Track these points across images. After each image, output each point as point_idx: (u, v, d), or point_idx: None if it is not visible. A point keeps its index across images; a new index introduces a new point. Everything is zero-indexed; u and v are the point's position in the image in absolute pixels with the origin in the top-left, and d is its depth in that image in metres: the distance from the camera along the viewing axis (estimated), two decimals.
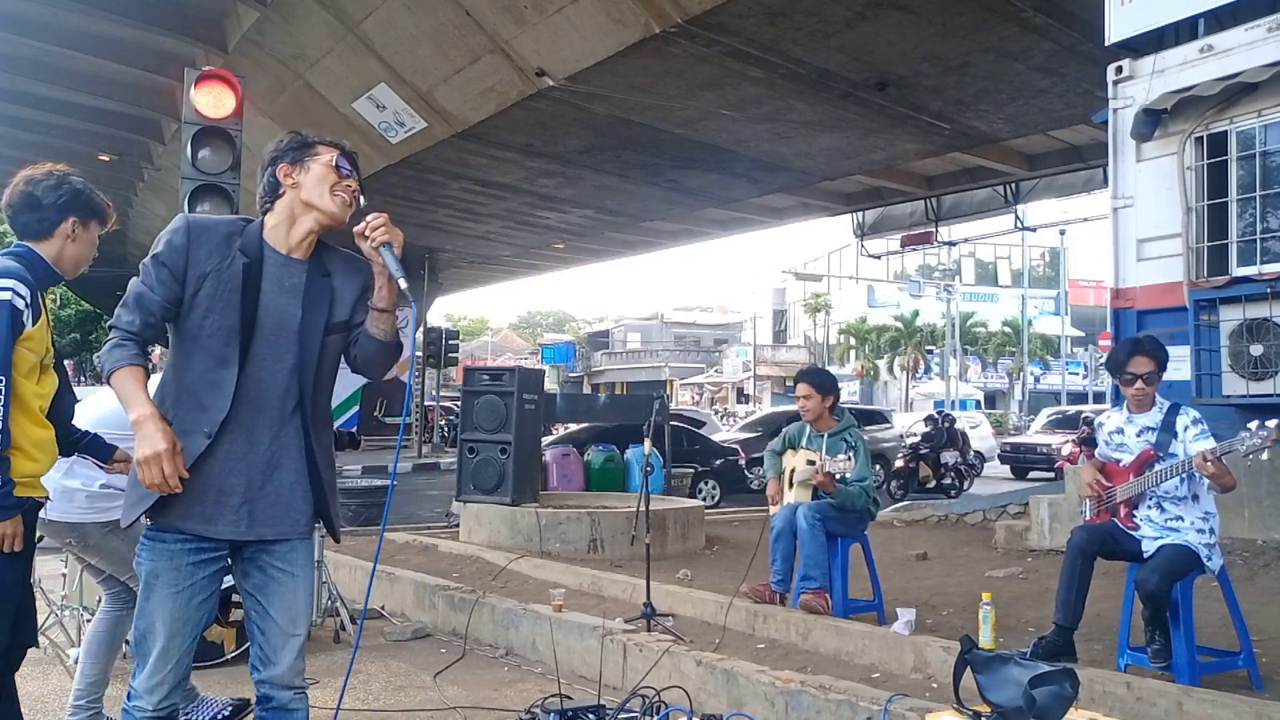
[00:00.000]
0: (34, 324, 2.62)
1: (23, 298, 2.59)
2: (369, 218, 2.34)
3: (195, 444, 2.27)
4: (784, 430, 5.52)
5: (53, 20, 12.01)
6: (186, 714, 3.77)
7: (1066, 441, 18.86)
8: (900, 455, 16.63)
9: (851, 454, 4.96)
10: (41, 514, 2.99)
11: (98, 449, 3.14)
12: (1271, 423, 3.52)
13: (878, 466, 16.79)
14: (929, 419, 18.52)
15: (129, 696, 2.38)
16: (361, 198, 2.47)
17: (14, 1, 11.62)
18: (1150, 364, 3.93)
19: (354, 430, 3.78)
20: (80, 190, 2.83)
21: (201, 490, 2.29)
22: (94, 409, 3.54)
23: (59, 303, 44.94)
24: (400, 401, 20.73)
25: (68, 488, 3.56)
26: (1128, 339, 4.23)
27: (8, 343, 2.54)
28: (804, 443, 5.23)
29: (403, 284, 2.32)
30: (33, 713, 4.14)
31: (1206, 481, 3.72)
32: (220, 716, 3.87)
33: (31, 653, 4.86)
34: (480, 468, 7.87)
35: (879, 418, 19.96)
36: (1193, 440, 3.82)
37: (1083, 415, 20.86)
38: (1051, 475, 18.86)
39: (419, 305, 22.97)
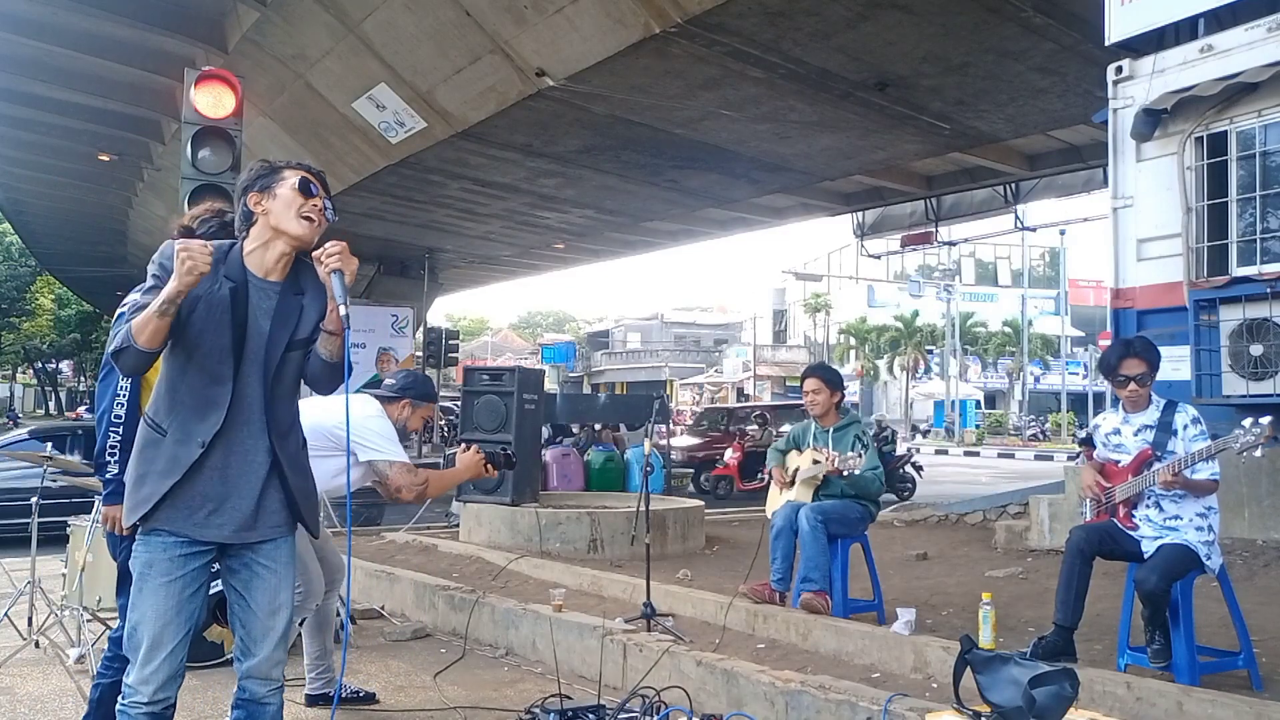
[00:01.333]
0: None
1: None
2: (327, 245, 2.47)
3: (189, 452, 2.42)
4: (789, 431, 5.54)
5: (53, 20, 12.00)
6: (330, 688, 4.24)
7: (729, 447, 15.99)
8: None
9: (862, 451, 4.97)
10: None
11: None
12: (1265, 420, 3.54)
13: None
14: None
15: (124, 695, 2.42)
16: (331, 214, 2.59)
17: (14, 1, 11.62)
18: (1142, 365, 3.93)
19: (510, 452, 4.03)
20: (228, 223, 3.12)
21: (190, 497, 2.43)
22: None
23: (59, 303, 44.97)
24: None
25: None
26: (1119, 341, 4.24)
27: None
28: (809, 441, 5.24)
29: (343, 310, 2.44)
30: (33, 713, 4.15)
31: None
32: (357, 694, 4.33)
33: (31, 652, 4.91)
34: None
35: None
36: (1192, 440, 3.83)
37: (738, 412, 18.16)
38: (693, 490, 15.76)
39: (418, 309, 22.98)
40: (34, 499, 5.24)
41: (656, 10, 9.30)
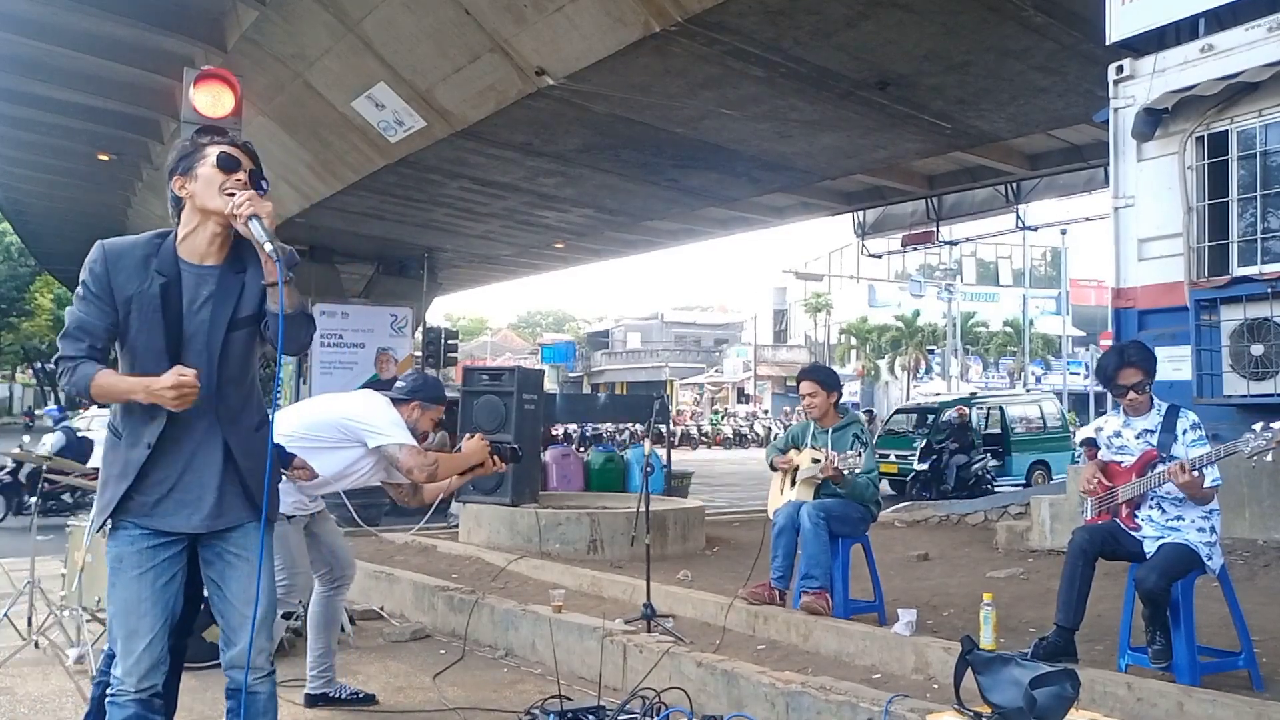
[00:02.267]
0: None
1: None
2: (235, 197, 2.39)
3: (138, 454, 2.44)
4: (786, 430, 5.52)
5: (53, 20, 11.98)
6: (330, 689, 4.27)
7: None
8: None
9: (861, 450, 4.95)
10: None
11: (279, 455, 3.32)
12: (1276, 425, 3.52)
13: None
14: None
15: (112, 686, 2.46)
16: (265, 184, 2.51)
17: (14, 1, 11.60)
18: (1139, 374, 3.94)
19: (516, 445, 4.07)
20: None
21: (153, 491, 2.46)
22: (283, 422, 3.83)
23: (58, 303, 44.99)
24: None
25: None
26: (1113, 350, 4.23)
27: None
28: (808, 441, 5.22)
29: (268, 248, 2.34)
30: (33, 713, 4.14)
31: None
32: (356, 695, 4.31)
33: (31, 653, 4.91)
34: None
35: None
36: (1190, 445, 3.82)
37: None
38: None
39: (417, 309, 22.99)
40: (34, 499, 5.23)
41: (656, 9, 9.28)
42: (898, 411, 18.76)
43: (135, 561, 2.44)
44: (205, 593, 2.64)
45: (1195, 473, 3.67)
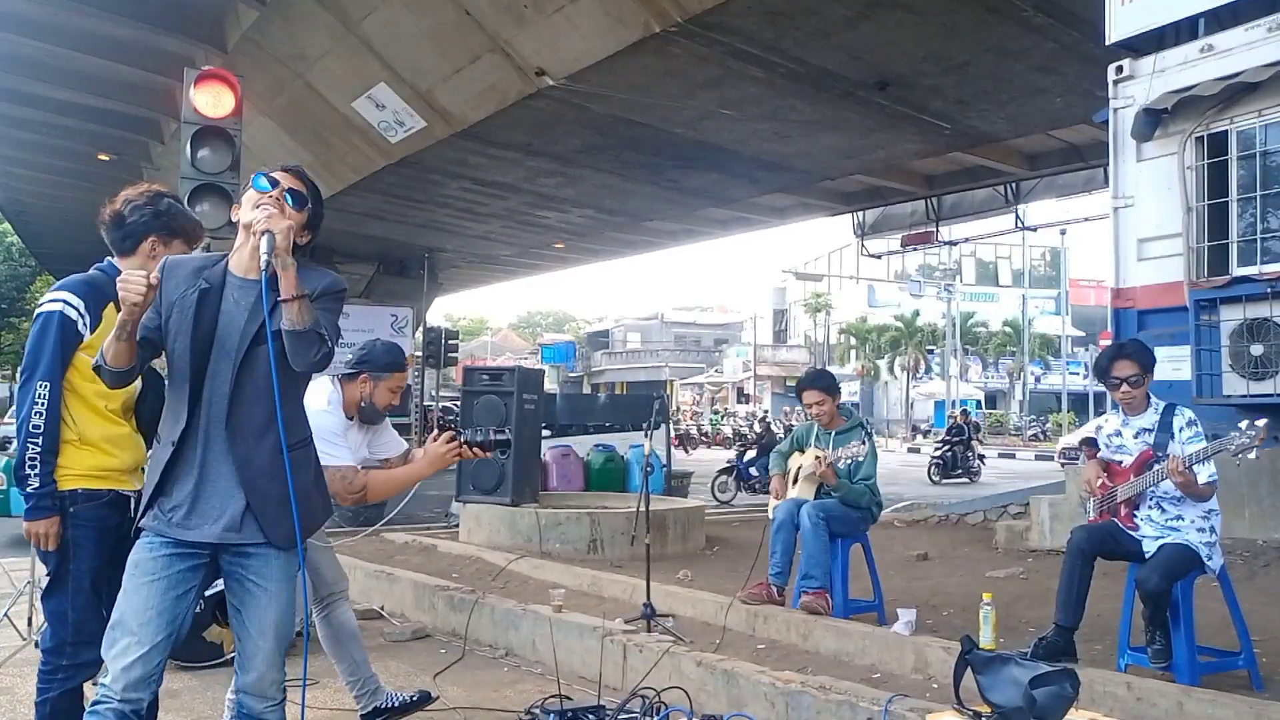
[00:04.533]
0: (92, 332, 2.83)
1: (74, 308, 2.84)
2: (255, 211, 2.46)
3: (163, 453, 2.47)
4: (792, 432, 5.54)
5: (52, 20, 11.98)
6: (379, 699, 3.85)
7: None
8: None
9: (865, 439, 4.96)
10: None
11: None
12: (1260, 422, 3.55)
13: None
14: None
15: (97, 693, 2.39)
16: (289, 201, 2.51)
17: (14, 1, 11.61)
18: (1133, 367, 3.94)
19: (502, 431, 3.67)
20: (163, 211, 3.03)
21: (170, 498, 2.45)
22: None
23: None
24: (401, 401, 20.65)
25: None
26: (1112, 345, 4.27)
27: (54, 350, 2.78)
28: (812, 442, 5.24)
29: (263, 259, 2.37)
30: (33, 713, 4.14)
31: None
32: (411, 700, 3.92)
33: (31, 652, 4.91)
34: (480, 468, 7.86)
35: None
36: (1187, 441, 3.83)
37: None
38: None
39: (417, 309, 22.98)
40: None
41: (656, 9, 9.29)
42: None
43: (149, 569, 2.41)
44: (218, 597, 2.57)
45: (1191, 469, 3.69)
